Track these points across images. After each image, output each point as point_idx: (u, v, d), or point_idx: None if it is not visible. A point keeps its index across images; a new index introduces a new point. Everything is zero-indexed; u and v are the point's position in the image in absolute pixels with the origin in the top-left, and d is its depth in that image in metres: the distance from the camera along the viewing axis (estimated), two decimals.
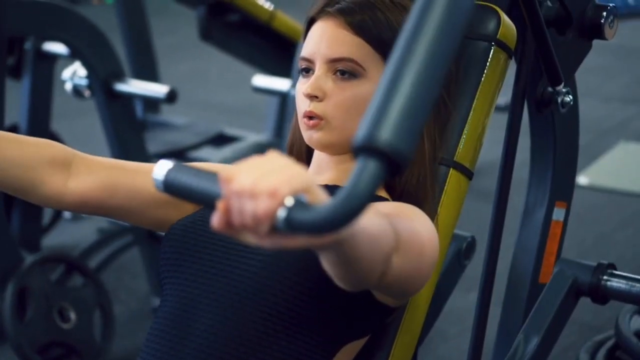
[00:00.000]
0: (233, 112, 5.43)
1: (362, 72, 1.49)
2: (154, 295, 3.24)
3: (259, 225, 0.98)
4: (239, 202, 0.99)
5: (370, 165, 0.95)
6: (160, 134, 3.65)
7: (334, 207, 0.94)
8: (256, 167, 1.00)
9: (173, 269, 1.48)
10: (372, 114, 0.96)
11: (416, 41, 0.98)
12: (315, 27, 1.53)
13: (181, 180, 1.05)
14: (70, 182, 1.48)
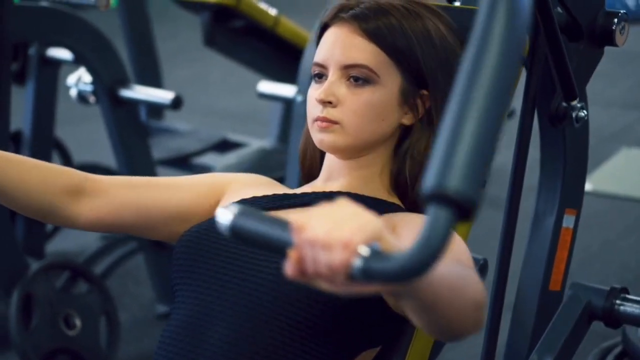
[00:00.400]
0: (235, 117, 5.43)
1: (376, 79, 1.48)
2: (159, 302, 3.23)
3: (334, 275, 0.98)
4: (313, 252, 0.99)
5: (442, 214, 0.95)
6: (164, 140, 3.65)
7: (410, 256, 0.95)
8: (327, 216, 1.00)
9: (186, 275, 1.47)
10: (439, 161, 0.96)
11: (475, 82, 0.98)
12: (328, 33, 1.53)
13: (250, 227, 1.04)
14: (83, 206, 1.52)
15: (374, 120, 1.49)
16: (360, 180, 1.53)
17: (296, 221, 1.00)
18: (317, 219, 0.99)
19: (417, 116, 1.52)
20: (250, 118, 5.32)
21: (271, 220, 1.04)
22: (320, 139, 1.51)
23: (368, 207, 1.46)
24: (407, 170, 1.52)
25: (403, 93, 1.50)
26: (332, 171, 1.56)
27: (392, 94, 1.50)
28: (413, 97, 1.51)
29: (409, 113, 1.52)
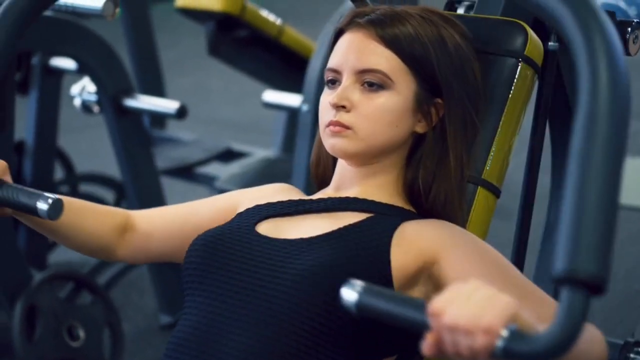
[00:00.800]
0: (237, 127, 5.41)
1: (391, 84, 1.47)
2: (163, 312, 3.21)
3: (477, 356, 1.05)
4: (453, 336, 1.06)
5: (578, 297, 1.01)
6: (167, 149, 3.63)
7: (551, 339, 1.01)
8: (465, 300, 1.06)
9: (198, 280, 1.45)
10: (568, 243, 1.01)
11: (591, 160, 1.03)
12: (343, 39, 1.52)
13: (379, 305, 1.11)
14: (124, 241, 1.65)
15: (387, 126, 1.48)
16: (374, 187, 1.52)
17: (433, 305, 1.07)
18: (455, 304, 1.06)
19: (430, 124, 1.51)
20: (252, 127, 5.30)
21: (402, 300, 1.11)
22: (332, 144, 1.49)
23: (385, 214, 1.46)
24: (420, 179, 1.50)
25: (417, 100, 1.49)
26: (344, 179, 1.54)
27: (406, 101, 1.48)
28: (427, 105, 1.50)
29: (422, 121, 1.51)
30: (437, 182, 1.49)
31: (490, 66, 1.59)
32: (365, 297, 1.10)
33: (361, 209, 1.49)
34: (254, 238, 1.47)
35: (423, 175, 1.50)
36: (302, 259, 1.39)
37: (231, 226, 1.51)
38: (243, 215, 1.54)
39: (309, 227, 1.47)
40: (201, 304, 1.43)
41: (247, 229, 1.49)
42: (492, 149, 1.56)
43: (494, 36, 1.61)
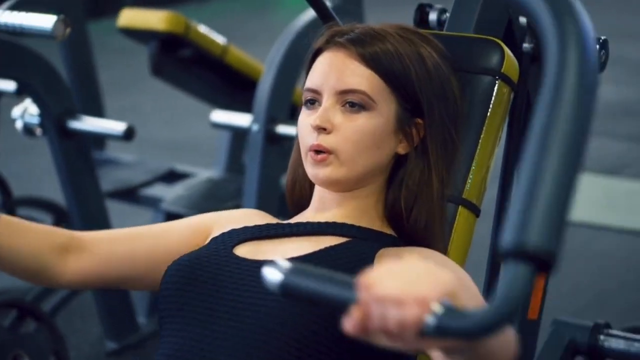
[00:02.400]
0: (174, 147, 5.36)
1: (372, 105, 1.45)
2: (108, 338, 3.14)
3: (405, 331, 0.95)
4: (382, 309, 0.96)
5: (522, 271, 0.92)
6: (110, 171, 3.55)
7: (487, 314, 0.92)
8: (399, 272, 0.97)
9: (177, 307, 1.41)
10: (517, 217, 0.94)
11: (552, 133, 0.96)
12: (322, 58, 1.49)
13: (304, 284, 1.01)
14: (68, 264, 1.51)
15: (369, 148, 1.45)
16: (355, 211, 1.49)
17: (364, 277, 0.98)
18: (387, 275, 0.97)
19: (412, 145, 1.49)
20: (188, 148, 5.26)
21: (329, 277, 1.01)
22: (315, 174, 1.46)
23: (366, 238, 1.44)
24: (402, 200, 1.48)
25: (398, 120, 1.47)
26: (324, 202, 1.51)
27: (388, 121, 1.46)
28: (408, 125, 1.48)
29: (403, 142, 1.49)
30: (419, 203, 1.47)
31: (468, 84, 1.58)
32: (291, 277, 1.01)
33: (340, 233, 1.46)
34: (233, 261, 1.44)
35: (405, 196, 1.48)
36: None
37: (208, 250, 1.47)
38: (219, 239, 1.50)
39: (288, 250, 1.44)
40: (181, 330, 1.39)
41: (225, 252, 1.46)
42: (472, 168, 1.55)
43: (470, 54, 1.60)
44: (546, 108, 0.98)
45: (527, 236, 0.92)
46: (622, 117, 6.08)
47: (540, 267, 0.92)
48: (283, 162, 3.07)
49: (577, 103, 0.97)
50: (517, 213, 0.94)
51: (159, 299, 1.45)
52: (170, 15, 3.27)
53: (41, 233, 1.51)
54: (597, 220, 4.34)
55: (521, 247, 0.92)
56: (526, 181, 0.95)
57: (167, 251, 1.52)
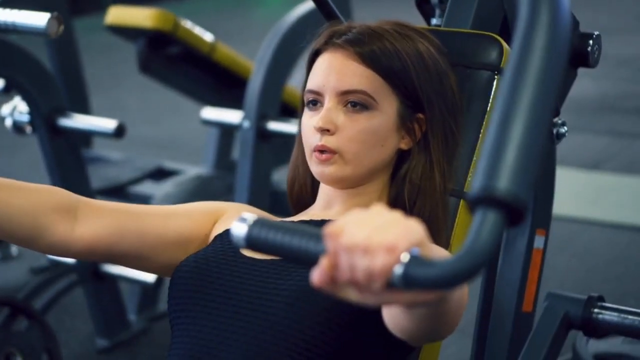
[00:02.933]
0: (158, 144, 5.35)
1: (374, 104, 1.46)
2: (99, 336, 3.15)
3: (372, 282, 0.92)
4: (350, 258, 0.93)
5: (491, 217, 0.89)
6: (98, 169, 3.56)
7: (455, 263, 0.89)
8: (366, 221, 0.94)
9: (188, 308, 1.42)
10: (486, 163, 0.91)
11: (522, 81, 0.94)
12: (321, 59, 1.50)
13: (269, 237, 0.98)
14: (77, 229, 1.43)
15: (373, 146, 1.47)
16: (360, 206, 1.50)
17: (331, 227, 0.94)
18: (355, 224, 0.94)
19: (414, 140, 1.51)
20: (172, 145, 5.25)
21: (294, 228, 0.98)
22: (320, 172, 1.48)
23: None
24: (405, 195, 1.50)
25: (400, 117, 1.49)
26: (329, 199, 1.53)
27: (390, 119, 1.48)
28: (410, 121, 1.50)
29: (406, 137, 1.51)
30: (422, 197, 1.49)
31: (467, 79, 1.60)
32: (256, 229, 0.98)
33: None
34: (240, 260, 1.45)
35: (409, 190, 1.49)
36: (293, 278, 1.38)
37: (215, 250, 1.48)
38: (224, 237, 1.51)
39: None
40: (193, 330, 1.41)
41: (232, 251, 1.46)
42: (473, 162, 1.57)
43: (469, 49, 1.62)
44: (517, 56, 0.96)
45: (496, 182, 0.89)
46: (602, 113, 6.13)
47: (509, 214, 0.89)
48: (274, 159, 3.09)
49: (547, 51, 0.95)
50: (487, 160, 0.91)
51: (169, 300, 1.46)
52: (159, 12, 3.28)
53: (40, 192, 1.41)
54: (580, 214, 4.38)
55: (489, 192, 0.89)
56: (495, 128, 0.93)
57: (176, 231, 1.50)
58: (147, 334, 3.24)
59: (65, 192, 1.44)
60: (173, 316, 1.45)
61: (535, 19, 0.97)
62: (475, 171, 0.93)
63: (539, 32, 0.96)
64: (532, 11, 0.98)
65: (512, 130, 0.92)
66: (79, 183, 2.96)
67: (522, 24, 0.98)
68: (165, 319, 3.30)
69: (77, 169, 2.95)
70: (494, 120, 0.94)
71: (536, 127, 0.93)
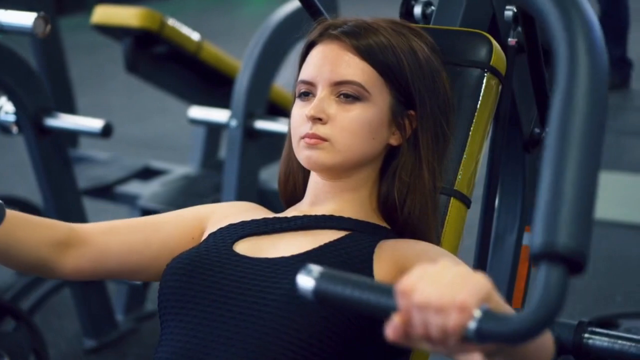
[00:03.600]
0: (143, 144, 5.34)
1: (367, 96, 1.46)
2: (86, 336, 3.14)
3: (448, 338, 0.96)
4: (423, 316, 0.96)
5: (556, 273, 0.93)
6: (84, 169, 3.54)
7: (527, 318, 0.93)
8: (436, 278, 0.97)
9: (179, 305, 1.41)
10: (545, 218, 0.95)
11: (570, 132, 0.98)
12: (316, 50, 1.50)
13: (338, 291, 1.01)
14: (68, 256, 1.50)
15: (364, 138, 1.46)
16: (349, 203, 1.50)
17: (403, 283, 0.98)
18: (426, 281, 0.97)
19: (404, 136, 1.50)
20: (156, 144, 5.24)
21: (363, 283, 1.01)
22: (307, 156, 1.47)
23: (363, 231, 1.45)
24: (395, 192, 1.49)
25: (392, 112, 1.48)
26: (318, 194, 1.52)
27: (382, 112, 1.47)
28: (401, 117, 1.49)
29: (396, 133, 1.50)
30: (412, 194, 1.48)
31: (458, 77, 1.60)
32: (323, 283, 1.00)
33: (339, 227, 1.47)
34: (233, 258, 1.44)
35: (398, 187, 1.49)
36: (288, 277, 1.37)
37: (207, 247, 1.47)
38: (217, 235, 1.50)
39: (289, 246, 1.44)
40: (183, 329, 1.39)
41: (225, 249, 1.46)
42: (463, 160, 1.57)
43: (459, 47, 1.62)
44: (561, 107, 0.99)
45: (558, 237, 0.93)
46: None
47: (572, 267, 0.94)
48: (261, 158, 3.08)
49: (591, 98, 0.99)
50: (545, 215, 0.95)
51: (159, 298, 1.45)
52: (145, 11, 3.27)
53: (43, 227, 1.48)
54: None
55: (552, 248, 0.93)
56: (549, 182, 0.96)
57: (162, 243, 1.52)
58: (135, 334, 3.23)
59: (58, 224, 1.50)
60: (163, 312, 1.44)
61: (574, 68, 1.00)
62: (534, 223, 0.96)
63: (580, 80, 1.00)
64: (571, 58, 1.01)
65: (566, 183, 0.95)
66: (66, 183, 2.96)
67: (562, 72, 1.01)
68: (153, 319, 3.29)
69: (63, 169, 2.95)
70: (546, 173, 0.97)
71: (590, 175, 0.97)
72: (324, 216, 1.48)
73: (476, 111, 1.59)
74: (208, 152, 3.66)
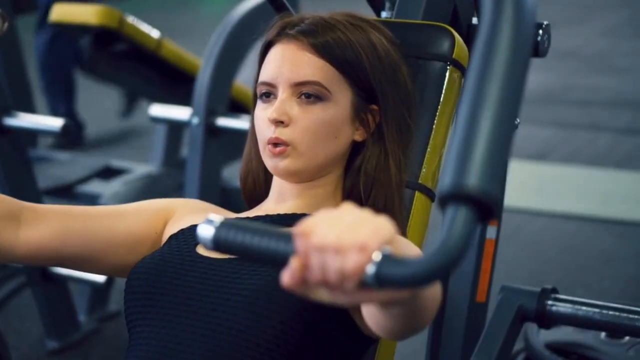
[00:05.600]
0: (104, 144, 5.30)
1: (328, 95, 1.46)
2: (48, 337, 3.11)
3: (345, 282, 0.92)
4: (321, 258, 0.92)
5: (462, 214, 0.89)
6: (45, 169, 3.51)
7: (428, 261, 0.89)
8: (337, 220, 0.93)
9: (145, 310, 1.40)
10: (455, 160, 0.91)
11: (488, 78, 0.94)
12: (274, 51, 1.49)
13: (237, 238, 0.97)
14: (21, 234, 1.42)
15: (327, 138, 1.46)
16: (314, 199, 1.50)
17: (300, 227, 0.93)
18: (325, 223, 0.93)
19: (368, 132, 1.50)
20: (114, 142, 5.20)
21: (262, 229, 0.97)
22: (274, 166, 1.47)
23: None
24: (361, 187, 1.49)
25: (354, 108, 1.48)
26: (283, 192, 1.51)
27: (344, 110, 1.47)
28: (364, 112, 1.49)
29: (360, 129, 1.50)
30: (377, 188, 1.48)
31: (420, 70, 1.60)
32: (223, 230, 0.97)
33: None
34: (197, 260, 1.43)
35: (364, 182, 1.49)
36: (253, 277, 1.36)
37: (171, 250, 1.46)
38: (180, 237, 1.49)
39: None
40: (151, 332, 1.38)
41: (188, 251, 1.45)
42: (427, 153, 1.57)
43: (422, 41, 1.62)
44: (482, 50, 0.96)
45: (467, 179, 0.89)
46: (545, 104, 6.20)
47: (481, 212, 0.89)
48: (224, 155, 3.07)
49: (513, 44, 0.96)
50: (456, 157, 0.91)
51: (125, 304, 1.44)
52: (104, 9, 3.24)
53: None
54: (526, 205, 4.42)
55: (461, 189, 0.89)
56: (463, 124, 0.93)
57: (127, 231, 1.48)
58: (98, 335, 3.21)
59: (8, 199, 1.42)
60: (130, 319, 1.42)
61: (500, 11, 0.98)
62: (443, 167, 0.93)
63: (504, 25, 0.97)
64: (496, 3, 0.98)
65: (480, 126, 0.92)
66: (26, 183, 2.92)
67: (486, 16, 0.98)
68: (116, 320, 3.27)
69: (23, 169, 2.91)
70: (462, 117, 0.94)
71: (505, 122, 0.93)
72: (286, 215, 1.48)
73: (439, 104, 1.59)
74: (169, 151, 3.64)
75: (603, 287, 3.61)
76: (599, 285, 3.62)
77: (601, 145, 5.37)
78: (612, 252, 3.97)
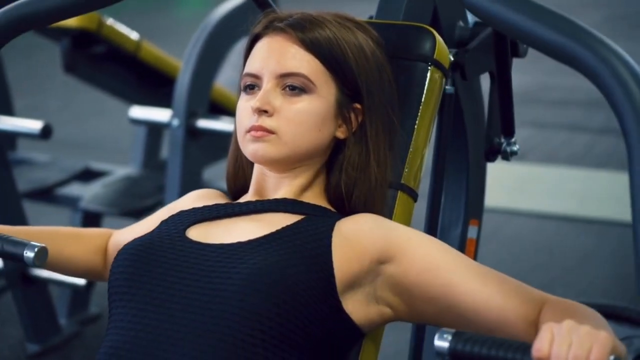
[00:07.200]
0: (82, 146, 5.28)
1: (313, 88, 1.46)
2: (29, 341, 3.09)
3: None
4: None
5: None
6: (24, 172, 3.48)
7: None
8: (567, 338, 1.12)
9: (130, 292, 1.39)
10: None
11: None
12: (261, 43, 1.50)
13: (474, 350, 1.14)
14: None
15: (310, 129, 1.46)
16: (297, 188, 1.50)
17: (537, 345, 1.11)
18: (557, 342, 1.11)
19: (350, 130, 1.50)
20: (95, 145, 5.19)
21: (496, 342, 1.14)
22: (254, 150, 1.46)
23: (317, 215, 1.45)
24: (342, 185, 1.49)
25: (338, 105, 1.48)
26: (261, 184, 1.51)
27: (328, 105, 1.47)
28: (347, 110, 1.50)
29: (342, 126, 1.50)
30: (359, 187, 1.49)
31: (402, 71, 1.60)
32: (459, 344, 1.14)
33: (292, 211, 1.46)
34: (187, 244, 1.43)
35: (345, 181, 1.49)
36: (246, 262, 1.36)
37: (160, 234, 1.46)
38: (169, 222, 1.49)
39: (242, 231, 1.43)
40: (134, 316, 1.37)
41: (177, 235, 1.45)
42: (409, 153, 1.58)
43: (403, 41, 1.63)
44: None
45: None
46: (524, 105, 6.21)
47: None
48: (204, 157, 3.07)
49: None
50: None
51: (109, 283, 1.43)
52: None
53: (85, 238, 1.64)
54: (506, 205, 4.44)
55: None
56: None
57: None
58: (79, 338, 3.20)
59: (101, 234, 1.66)
60: (113, 298, 1.42)
61: None
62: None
63: None
64: None
65: None
66: (5, 186, 2.92)
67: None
68: (97, 322, 3.26)
69: (2, 172, 2.90)
70: None
71: None
72: (276, 200, 1.48)
73: (421, 105, 1.60)
74: (150, 153, 3.63)
75: (582, 286, 3.63)
76: (578, 284, 3.64)
77: (579, 145, 5.40)
78: (590, 251, 4.00)
